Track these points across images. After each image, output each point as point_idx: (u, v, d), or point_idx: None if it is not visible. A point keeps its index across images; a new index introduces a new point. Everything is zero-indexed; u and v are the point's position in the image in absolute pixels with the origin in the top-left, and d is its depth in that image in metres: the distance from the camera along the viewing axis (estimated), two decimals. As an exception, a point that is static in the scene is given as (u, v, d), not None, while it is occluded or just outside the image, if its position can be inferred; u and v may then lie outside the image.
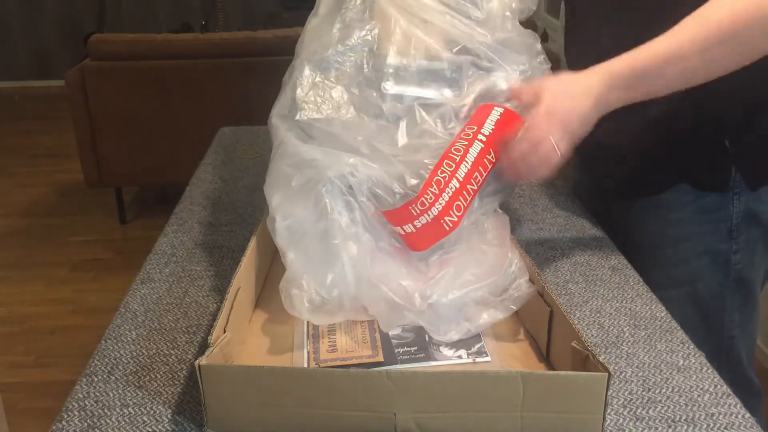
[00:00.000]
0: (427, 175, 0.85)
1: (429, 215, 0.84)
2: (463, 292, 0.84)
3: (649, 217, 1.11)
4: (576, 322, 0.76)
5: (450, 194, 0.84)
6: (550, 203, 1.29)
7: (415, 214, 0.85)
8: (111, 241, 3.19)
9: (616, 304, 0.97)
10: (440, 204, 0.84)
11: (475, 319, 0.85)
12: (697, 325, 1.02)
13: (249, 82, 2.92)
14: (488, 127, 0.88)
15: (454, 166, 0.85)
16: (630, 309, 0.96)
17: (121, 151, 3.12)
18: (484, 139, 0.87)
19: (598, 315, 0.95)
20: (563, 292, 1.01)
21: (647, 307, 0.96)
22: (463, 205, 0.85)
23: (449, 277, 0.85)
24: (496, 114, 0.89)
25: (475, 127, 0.88)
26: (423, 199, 0.84)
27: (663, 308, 0.96)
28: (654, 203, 1.09)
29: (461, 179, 0.85)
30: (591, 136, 0.92)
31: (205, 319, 0.94)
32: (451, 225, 0.85)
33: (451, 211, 0.85)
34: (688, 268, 1.08)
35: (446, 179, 0.84)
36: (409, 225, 0.85)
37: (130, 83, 3.03)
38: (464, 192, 0.85)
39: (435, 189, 0.84)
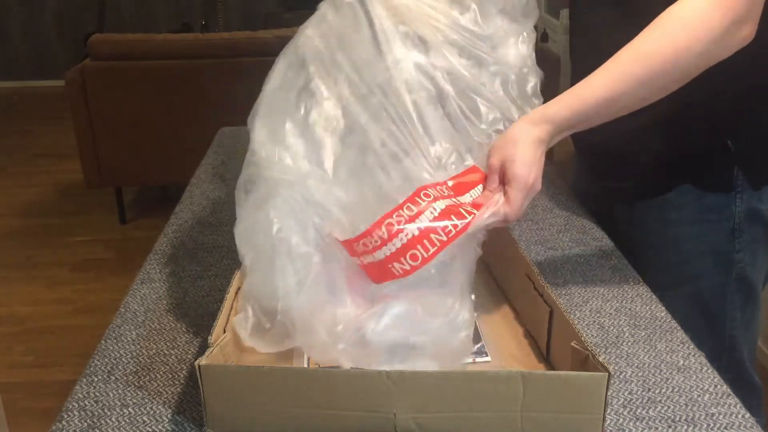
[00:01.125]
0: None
1: (374, 257, 0.76)
2: (400, 334, 0.76)
3: (650, 217, 1.11)
4: (576, 322, 0.76)
5: (403, 242, 0.75)
6: (550, 203, 1.29)
7: (358, 251, 0.77)
8: (111, 241, 3.19)
9: (616, 304, 0.97)
10: (388, 250, 0.75)
11: (409, 364, 0.76)
12: (698, 324, 1.02)
13: (249, 82, 2.91)
14: (467, 198, 0.81)
15: (415, 211, 0.76)
16: (630, 309, 0.96)
17: (121, 151, 3.12)
18: (458, 203, 0.80)
19: (598, 315, 0.95)
20: (563, 292, 1.01)
21: (647, 307, 0.96)
22: (422, 255, 0.75)
23: (387, 315, 0.76)
24: (478, 191, 0.83)
25: (453, 193, 0.81)
26: (365, 240, 0.76)
27: (663, 308, 0.96)
28: (655, 203, 1.09)
29: (422, 228, 0.76)
30: (592, 138, 0.92)
31: (205, 319, 0.94)
32: (401, 272, 0.76)
33: (403, 259, 0.75)
34: (690, 268, 1.08)
35: (400, 223, 0.76)
36: (357, 258, 0.78)
37: (130, 83, 3.03)
38: (425, 241, 0.75)
39: (383, 233, 0.76)
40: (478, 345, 0.85)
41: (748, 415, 0.76)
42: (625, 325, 0.93)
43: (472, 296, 0.83)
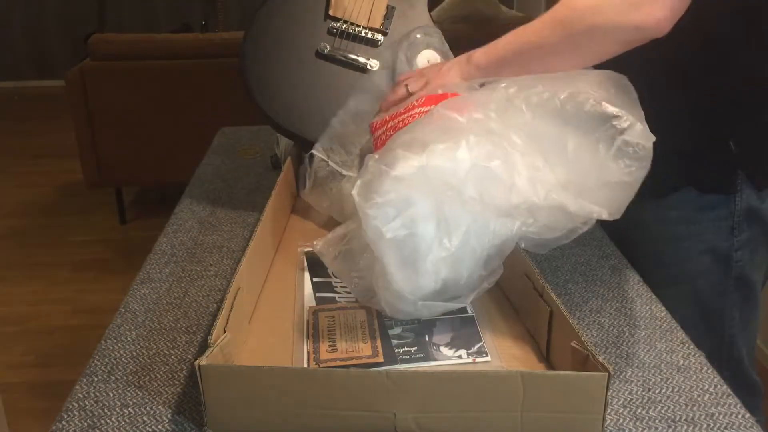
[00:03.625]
0: None
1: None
2: None
3: (649, 215, 1.10)
4: (576, 322, 0.76)
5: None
6: (550, 203, 1.29)
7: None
8: (111, 241, 3.19)
9: (616, 304, 0.97)
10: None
11: None
12: (697, 323, 1.02)
13: (249, 82, 2.92)
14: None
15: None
16: (630, 309, 0.96)
17: (121, 151, 3.12)
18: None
19: (598, 315, 0.95)
20: (563, 292, 1.01)
21: (647, 307, 0.96)
22: None
23: None
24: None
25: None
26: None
27: (663, 308, 0.96)
28: (654, 201, 1.09)
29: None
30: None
31: (205, 319, 0.94)
32: None
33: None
34: (688, 267, 1.08)
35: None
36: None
37: (130, 83, 3.03)
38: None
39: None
40: (478, 345, 0.85)
41: (748, 415, 0.76)
42: (625, 325, 0.93)
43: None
